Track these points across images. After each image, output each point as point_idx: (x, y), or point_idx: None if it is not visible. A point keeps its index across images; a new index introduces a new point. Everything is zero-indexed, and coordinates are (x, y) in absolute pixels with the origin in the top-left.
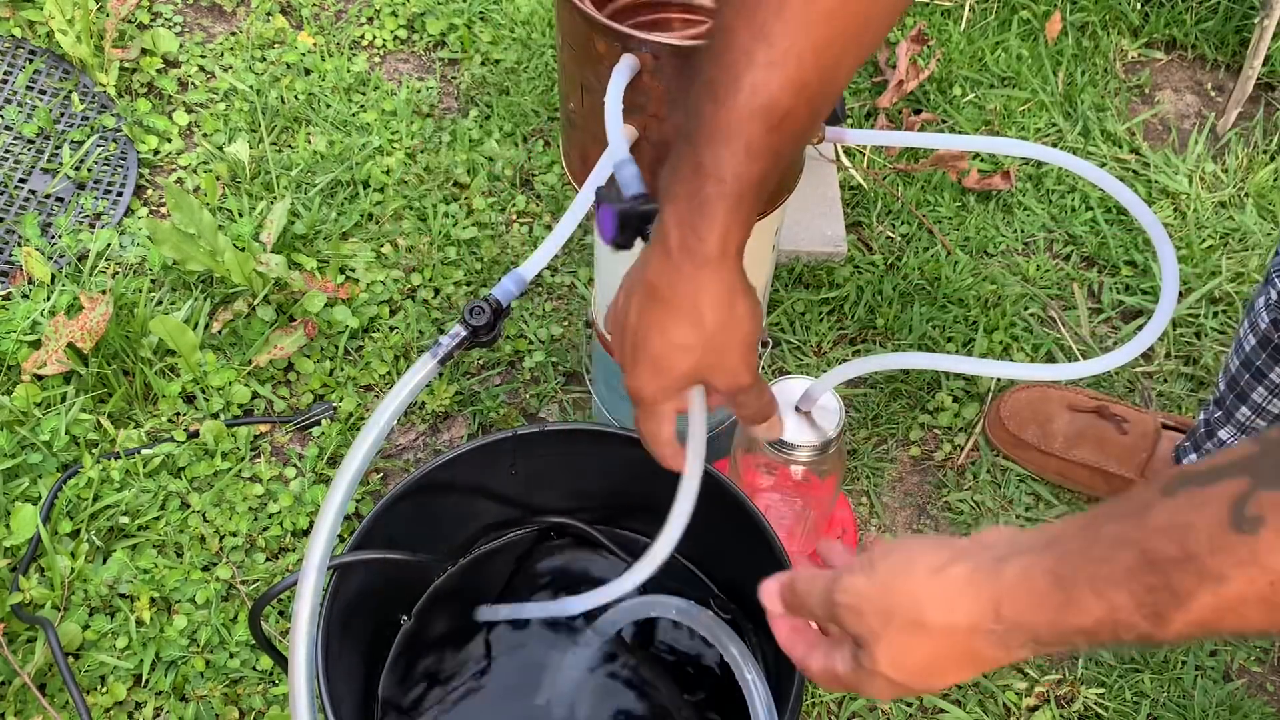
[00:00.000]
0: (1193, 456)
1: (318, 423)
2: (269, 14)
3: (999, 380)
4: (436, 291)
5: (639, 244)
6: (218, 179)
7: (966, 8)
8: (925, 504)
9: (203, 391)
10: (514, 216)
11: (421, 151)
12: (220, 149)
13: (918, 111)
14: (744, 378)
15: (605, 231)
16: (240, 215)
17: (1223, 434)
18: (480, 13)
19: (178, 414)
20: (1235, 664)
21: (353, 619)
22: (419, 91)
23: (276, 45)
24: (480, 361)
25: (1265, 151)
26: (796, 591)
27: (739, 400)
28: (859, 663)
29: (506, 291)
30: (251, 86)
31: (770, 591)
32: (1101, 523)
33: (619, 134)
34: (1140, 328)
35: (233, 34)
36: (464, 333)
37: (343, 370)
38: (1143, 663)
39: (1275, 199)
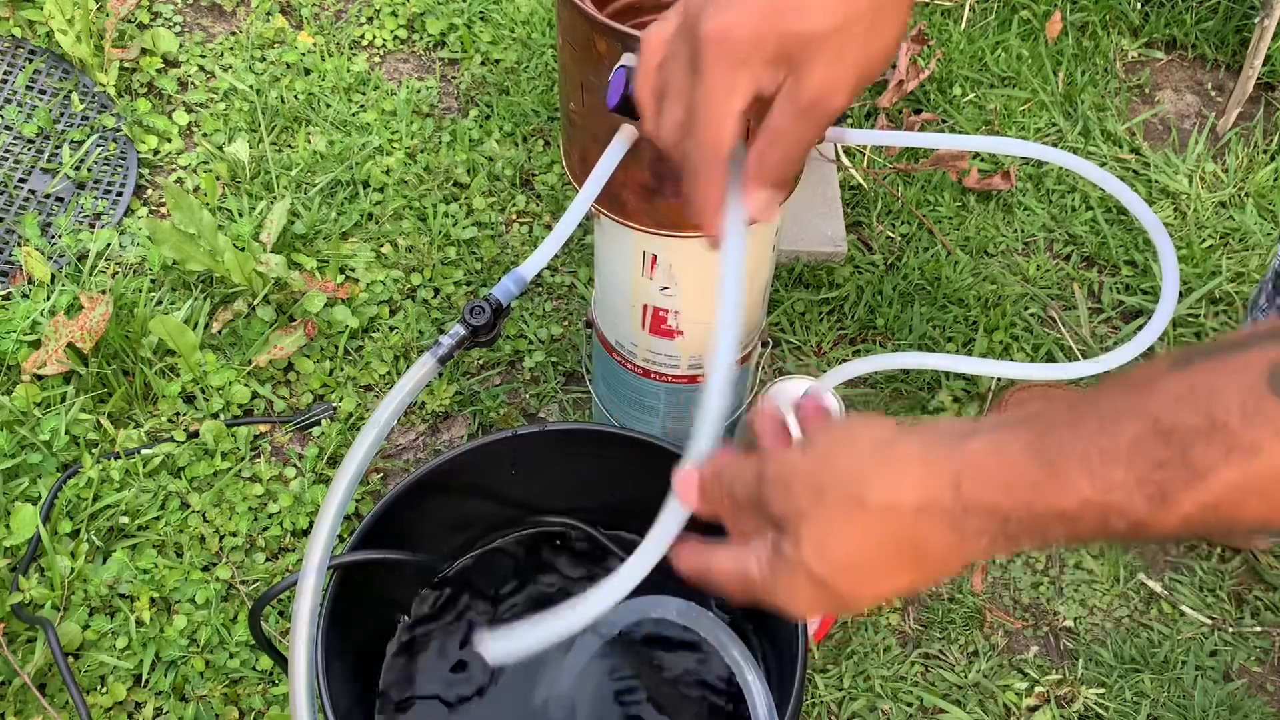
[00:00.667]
0: None
1: (317, 423)
2: (269, 14)
3: (999, 380)
4: (436, 291)
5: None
6: (218, 179)
7: (966, 7)
8: None
9: (203, 391)
10: (514, 216)
11: (421, 151)
12: (220, 149)
13: (918, 111)
14: (840, 94)
15: (609, 98)
16: (240, 215)
17: None
18: (480, 13)
19: (177, 414)
20: (1235, 664)
21: (352, 618)
22: (419, 91)
23: (276, 45)
24: (480, 361)
25: (1265, 151)
26: (721, 478)
27: (790, 128)
28: (779, 552)
29: (506, 291)
30: (251, 86)
31: (688, 481)
32: (1095, 399)
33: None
34: (1140, 328)
35: (233, 34)
36: (464, 332)
37: (342, 370)
38: (1143, 662)
39: (1275, 199)
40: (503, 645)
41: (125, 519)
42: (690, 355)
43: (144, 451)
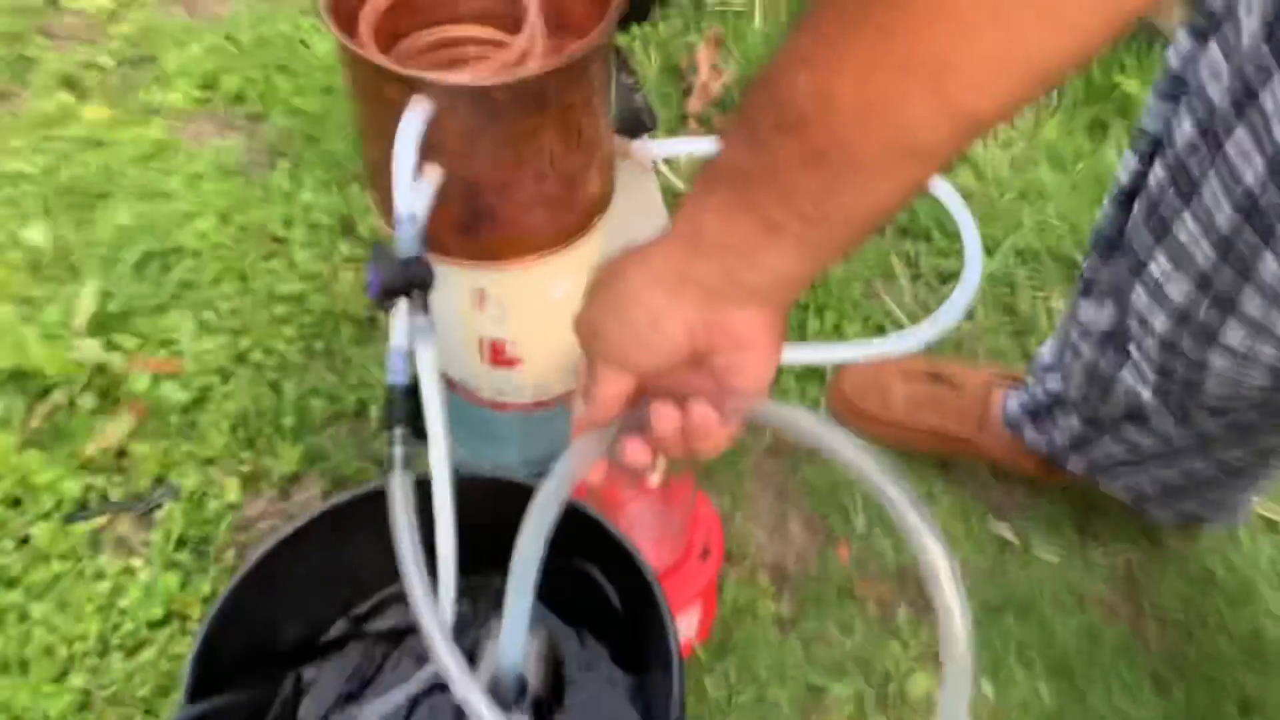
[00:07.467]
0: (1030, 433)
1: (159, 505)
2: (50, 89)
3: None
4: (268, 351)
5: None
6: (15, 269)
7: (757, 9)
8: (784, 486)
9: (30, 493)
10: (339, 264)
11: (234, 211)
12: (14, 236)
13: (725, 113)
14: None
15: (370, 289)
16: (46, 303)
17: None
18: (278, 64)
19: (4, 522)
20: (1088, 593)
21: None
22: (223, 151)
23: (62, 121)
24: (324, 416)
25: (1047, 108)
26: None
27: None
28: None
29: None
30: (39, 167)
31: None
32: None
33: (407, 184)
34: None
35: (13, 114)
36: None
37: (180, 447)
38: (1004, 606)
39: (1065, 149)
40: None
41: None
42: (535, 382)
43: None
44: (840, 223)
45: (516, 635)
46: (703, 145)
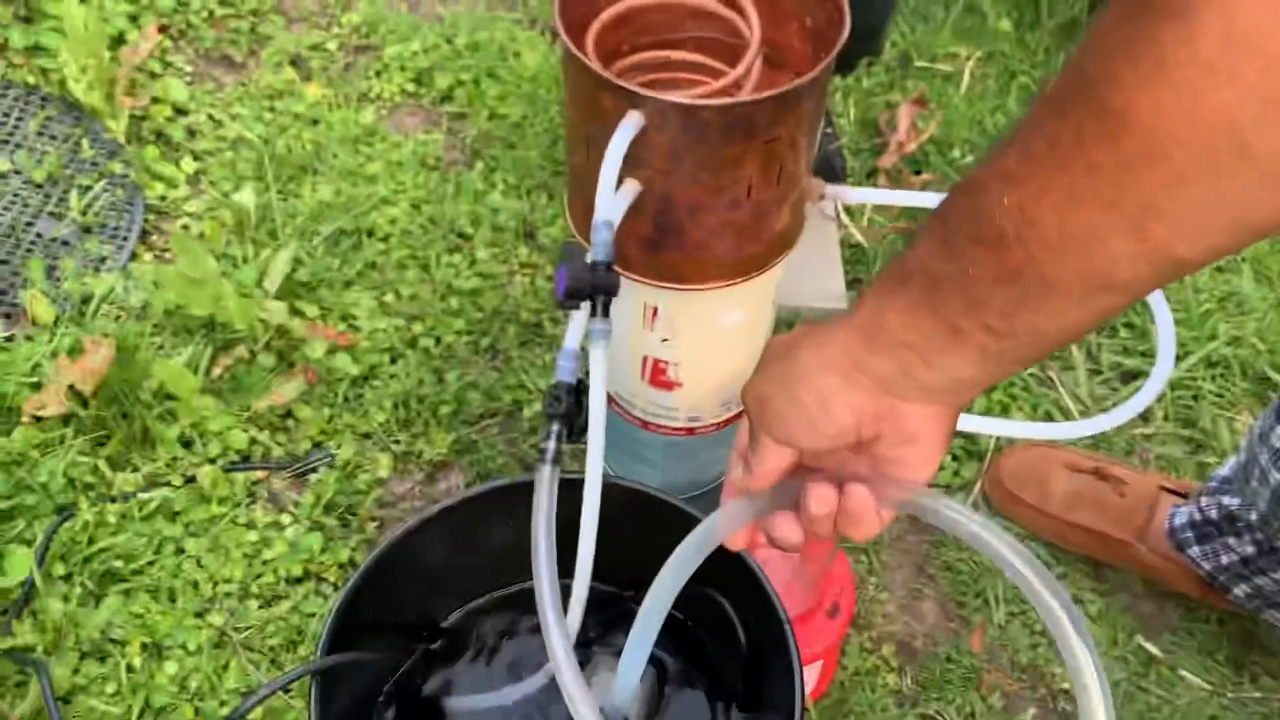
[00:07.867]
0: (1196, 550)
1: (315, 469)
2: (279, 65)
3: (998, 439)
4: (438, 340)
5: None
6: (223, 226)
7: (966, 73)
8: (923, 563)
9: (201, 437)
10: (516, 268)
11: (426, 203)
12: (226, 196)
13: (918, 172)
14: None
15: (556, 289)
16: (244, 262)
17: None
18: (488, 69)
19: (175, 458)
20: None
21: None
22: (425, 144)
23: (285, 96)
24: (479, 411)
25: None
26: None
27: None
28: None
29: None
30: (259, 136)
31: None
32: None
33: (610, 192)
34: (1138, 389)
35: (242, 84)
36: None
37: (342, 417)
38: None
39: (1272, 264)
40: None
41: (119, 563)
42: (689, 407)
43: (140, 495)
44: (1026, 338)
45: (630, 679)
46: (895, 197)
